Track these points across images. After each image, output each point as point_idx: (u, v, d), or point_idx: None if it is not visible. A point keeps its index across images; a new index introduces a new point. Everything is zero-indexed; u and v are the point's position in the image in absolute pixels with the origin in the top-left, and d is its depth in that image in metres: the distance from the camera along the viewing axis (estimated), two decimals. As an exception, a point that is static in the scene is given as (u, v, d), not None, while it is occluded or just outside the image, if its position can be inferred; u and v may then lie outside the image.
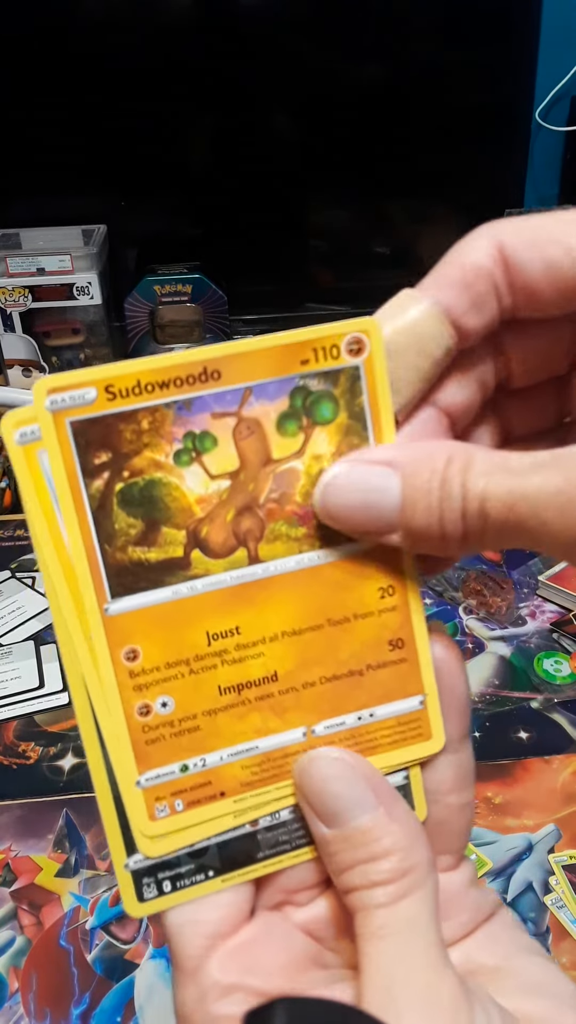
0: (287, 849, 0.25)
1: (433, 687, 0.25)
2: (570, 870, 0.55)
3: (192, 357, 0.22)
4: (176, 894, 0.24)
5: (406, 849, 0.23)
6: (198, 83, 1.24)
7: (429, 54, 1.27)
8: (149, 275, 1.22)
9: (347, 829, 0.23)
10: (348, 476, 0.23)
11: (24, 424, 0.22)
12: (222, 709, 0.24)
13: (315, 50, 1.24)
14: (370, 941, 0.22)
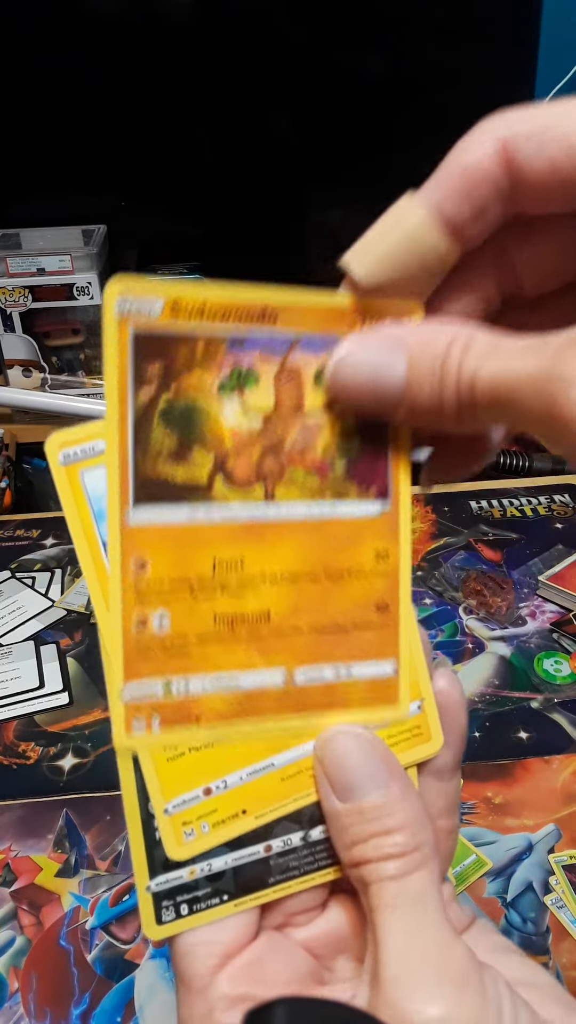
0: (296, 875, 0.26)
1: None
2: (570, 870, 0.55)
3: (256, 296, 0.24)
4: (192, 917, 0.25)
5: (415, 826, 0.24)
6: (198, 83, 1.24)
7: (429, 54, 1.27)
8: (149, 275, 1.22)
9: (361, 802, 0.24)
10: (358, 353, 0.23)
11: (68, 446, 0.23)
12: (213, 637, 0.25)
13: (315, 50, 1.24)
14: (383, 911, 0.23)
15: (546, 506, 0.89)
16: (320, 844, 0.26)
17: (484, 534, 0.86)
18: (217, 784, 0.25)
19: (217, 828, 0.25)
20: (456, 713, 0.27)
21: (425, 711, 0.27)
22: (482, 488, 0.93)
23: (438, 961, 0.23)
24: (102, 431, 0.23)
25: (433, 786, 0.27)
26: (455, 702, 0.27)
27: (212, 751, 0.25)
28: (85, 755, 0.65)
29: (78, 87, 1.23)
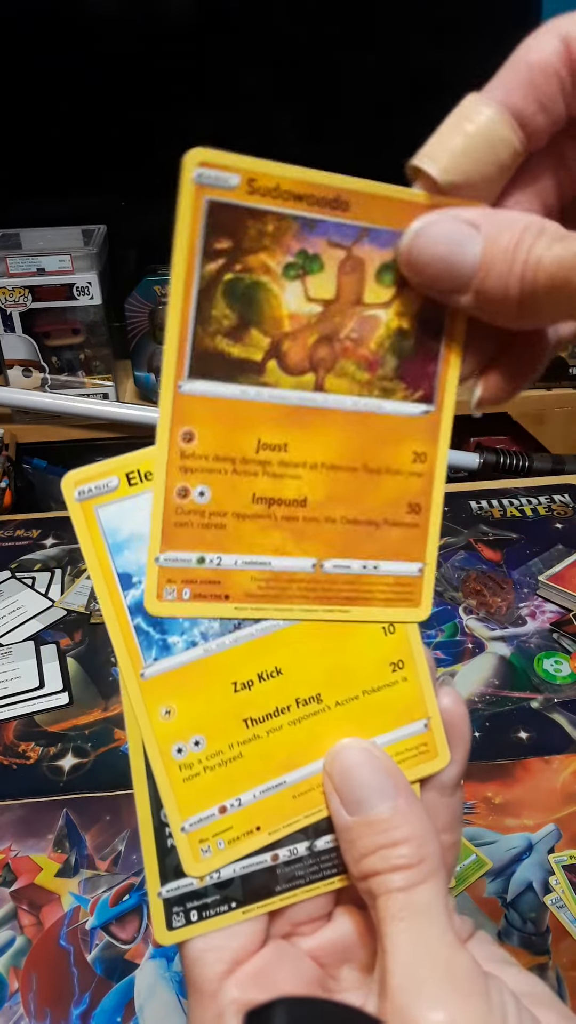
0: (302, 884, 0.27)
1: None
2: (570, 870, 0.55)
3: (331, 182, 0.24)
4: (201, 924, 0.26)
5: (421, 838, 0.25)
6: (198, 83, 1.24)
7: (429, 54, 1.27)
8: (149, 275, 1.22)
9: (369, 816, 0.25)
10: (437, 227, 0.23)
11: (83, 483, 0.24)
12: (250, 517, 0.25)
13: (315, 50, 1.24)
14: (391, 923, 0.24)
15: (546, 506, 0.89)
16: (325, 854, 0.27)
17: (484, 534, 0.85)
18: (232, 802, 0.26)
19: (232, 844, 0.26)
20: (461, 730, 0.28)
21: (432, 728, 0.27)
22: (482, 488, 0.93)
23: (444, 970, 0.23)
24: (116, 468, 0.24)
25: (437, 801, 0.28)
26: (460, 720, 0.28)
27: (226, 770, 0.26)
28: (85, 755, 0.65)
29: (78, 87, 1.23)
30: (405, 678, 0.27)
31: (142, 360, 1.28)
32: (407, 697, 0.27)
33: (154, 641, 0.25)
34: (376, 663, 0.27)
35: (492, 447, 1.28)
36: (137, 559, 0.25)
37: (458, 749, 0.28)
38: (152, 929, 0.26)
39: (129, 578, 0.25)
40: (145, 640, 0.25)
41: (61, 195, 1.29)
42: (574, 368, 1.34)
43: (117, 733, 0.67)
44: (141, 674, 0.25)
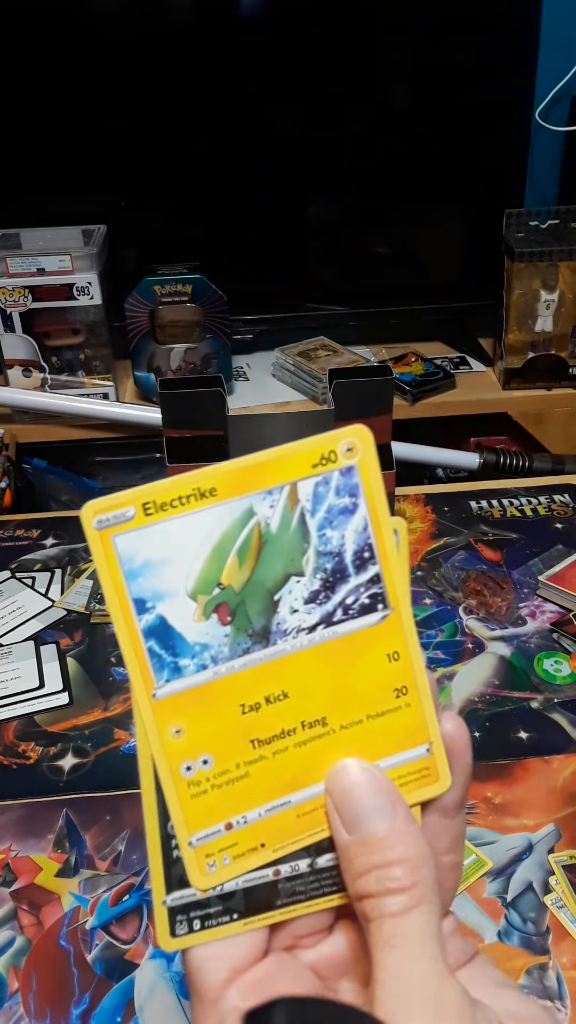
0: (302, 899, 0.28)
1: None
2: (570, 870, 0.55)
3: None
4: (204, 932, 0.27)
5: (416, 860, 0.25)
6: (198, 83, 1.24)
7: (429, 54, 1.27)
8: (149, 275, 1.22)
9: (365, 834, 0.26)
10: None
11: (102, 512, 0.25)
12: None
13: (316, 51, 1.24)
14: (383, 950, 0.25)
15: (546, 506, 0.89)
16: (326, 872, 0.28)
17: (484, 534, 0.86)
18: (238, 820, 0.27)
19: (237, 860, 0.27)
20: (462, 755, 0.29)
21: (434, 753, 0.28)
22: (482, 488, 0.93)
23: (433, 999, 0.24)
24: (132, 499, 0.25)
25: (439, 823, 0.28)
26: (461, 744, 0.29)
27: (233, 788, 0.27)
28: (85, 755, 0.65)
29: (78, 87, 1.23)
30: (409, 704, 0.28)
31: (142, 360, 1.28)
32: (410, 722, 0.28)
33: (166, 664, 0.26)
34: (380, 689, 0.28)
35: (492, 447, 1.29)
36: (151, 585, 0.26)
37: (460, 773, 0.29)
38: (156, 935, 0.27)
39: (143, 603, 0.26)
40: (157, 662, 0.26)
41: (61, 195, 1.29)
42: (574, 368, 1.34)
43: (117, 733, 0.67)
44: (153, 695, 0.26)
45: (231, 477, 0.26)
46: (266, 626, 0.27)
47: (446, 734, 0.28)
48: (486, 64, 1.26)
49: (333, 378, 0.76)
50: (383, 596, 0.27)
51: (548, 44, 1.26)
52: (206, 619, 0.26)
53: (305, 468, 0.26)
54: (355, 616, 0.27)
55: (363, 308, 1.39)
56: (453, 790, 0.28)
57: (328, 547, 0.27)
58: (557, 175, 1.39)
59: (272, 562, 0.27)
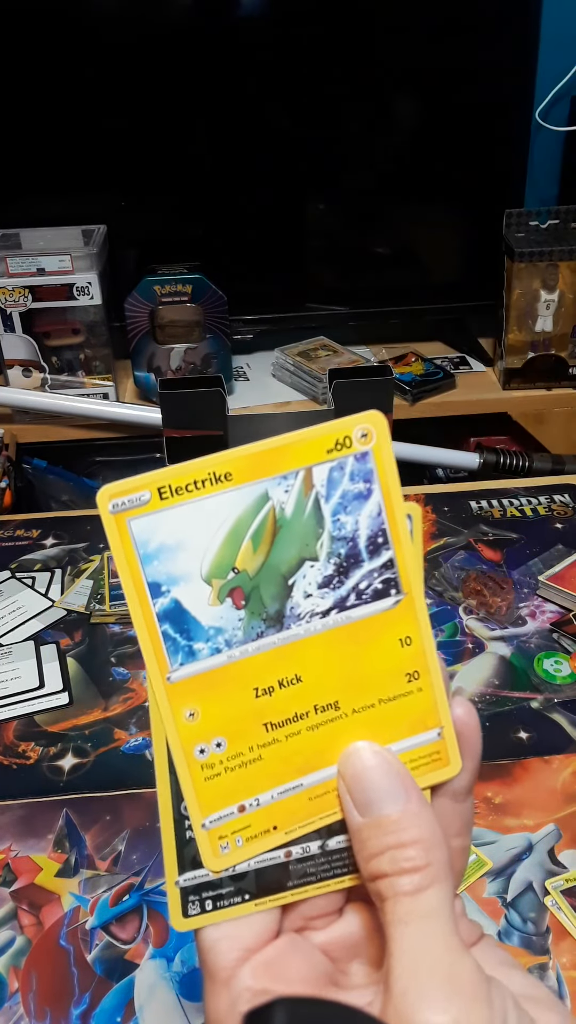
0: (313, 880, 0.28)
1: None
2: (569, 894, 0.55)
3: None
4: (216, 913, 0.27)
5: (428, 841, 0.26)
6: (198, 83, 1.24)
7: (430, 55, 1.27)
8: (149, 275, 1.22)
9: (378, 816, 0.26)
10: None
11: (117, 496, 0.25)
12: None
13: (316, 51, 1.24)
14: (397, 927, 0.25)
15: (546, 506, 0.89)
16: (336, 853, 0.28)
17: (484, 534, 0.86)
18: (250, 802, 0.27)
19: (250, 842, 0.27)
20: (472, 739, 0.29)
21: (444, 738, 0.28)
22: (482, 488, 0.93)
23: (448, 975, 0.24)
24: (147, 483, 0.25)
25: (449, 807, 0.29)
26: (472, 729, 0.29)
27: (246, 771, 0.27)
28: (85, 755, 0.65)
29: (78, 87, 1.23)
30: (420, 688, 0.28)
31: (142, 360, 1.28)
32: (422, 706, 0.28)
33: (180, 647, 0.26)
34: (393, 673, 0.28)
35: (492, 447, 1.29)
36: (166, 569, 0.26)
37: (469, 758, 0.29)
38: (169, 916, 0.27)
39: (158, 587, 0.26)
40: (172, 646, 0.26)
41: (61, 195, 1.29)
42: (574, 368, 1.34)
43: (117, 733, 0.67)
44: (167, 678, 0.26)
45: (246, 462, 0.26)
46: (280, 610, 0.27)
47: (457, 719, 0.29)
48: (486, 64, 1.26)
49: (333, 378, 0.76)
50: (396, 581, 0.27)
51: (548, 44, 1.26)
52: (220, 603, 0.26)
53: (320, 453, 0.26)
54: (368, 601, 0.27)
55: (363, 308, 1.39)
56: (463, 774, 0.29)
57: (342, 532, 0.27)
58: (557, 175, 1.39)
59: (286, 547, 0.27)
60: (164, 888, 0.56)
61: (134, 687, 0.71)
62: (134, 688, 0.71)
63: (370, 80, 1.27)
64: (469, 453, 1.27)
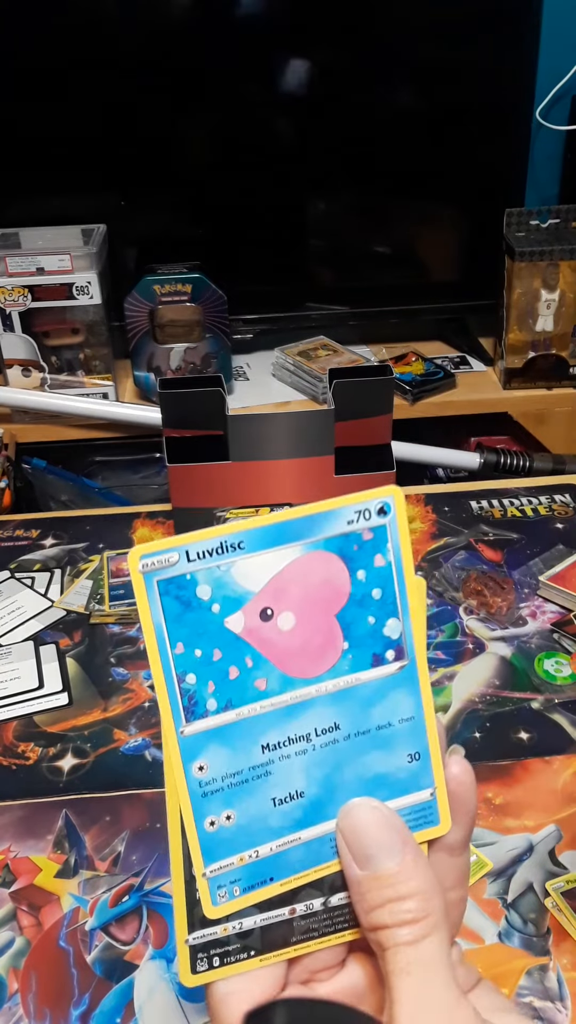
0: (316, 936, 0.30)
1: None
2: (569, 896, 0.54)
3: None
4: (223, 968, 0.29)
5: (426, 893, 0.27)
6: (198, 83, 1.24)
7: (430, 54, 1.27)
8: (148, 275, 1.22)
9: (377, 870, 0.27)
10: None
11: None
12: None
13: (316, 50, 1.24)
14: (399, 976, 0.26)
15: (546, 506, 0.89)
16: (338, 909, 0.30)
17: (484, 534, 0.85)
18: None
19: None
20: (467, 797, 0.30)
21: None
22: (482, 488, 0.93)
23: (447, 1021, 0.26)
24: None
25: (445, 860, 0.30)
26: (466, 788, 0.30)
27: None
28: (84, 756, 0.65)
29: (78, 87, 1.23)
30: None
31: (142, 360, 1.28)
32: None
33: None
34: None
35: (492, 447, 1.28)
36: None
37: (464, 815, 0.30)
38: (178, 972, 0.29)
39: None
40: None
41: (61, 194, 1.28)
42: (574, 368, 1.34)
43: (116, 733, 0.67)
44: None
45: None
46: None
47: (452, 777, 0.30)
48: (486, 64, 1.26)
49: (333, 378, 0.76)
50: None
51: (548, 43, 1.26)
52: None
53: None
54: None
55: (363, 308, 1.39)
56: (458, 830, 0.30)
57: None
58: (558, 174, 1.39)
59: None
60: (165, 890, 0.56)
61: (133, 687, 0.71)
62: (133, 688, 0.71)
63: (370, 79, 1.27)
64: (469, 453, 1.27)
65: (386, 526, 0.28)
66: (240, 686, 0.28)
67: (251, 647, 0.28)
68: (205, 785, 0.28)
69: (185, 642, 0.27)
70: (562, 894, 0.54)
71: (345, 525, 0.28)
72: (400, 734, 0.30)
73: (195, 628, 0.27)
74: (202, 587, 0.27)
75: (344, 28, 1.22)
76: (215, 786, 0.28)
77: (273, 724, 0.28)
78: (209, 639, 0.27)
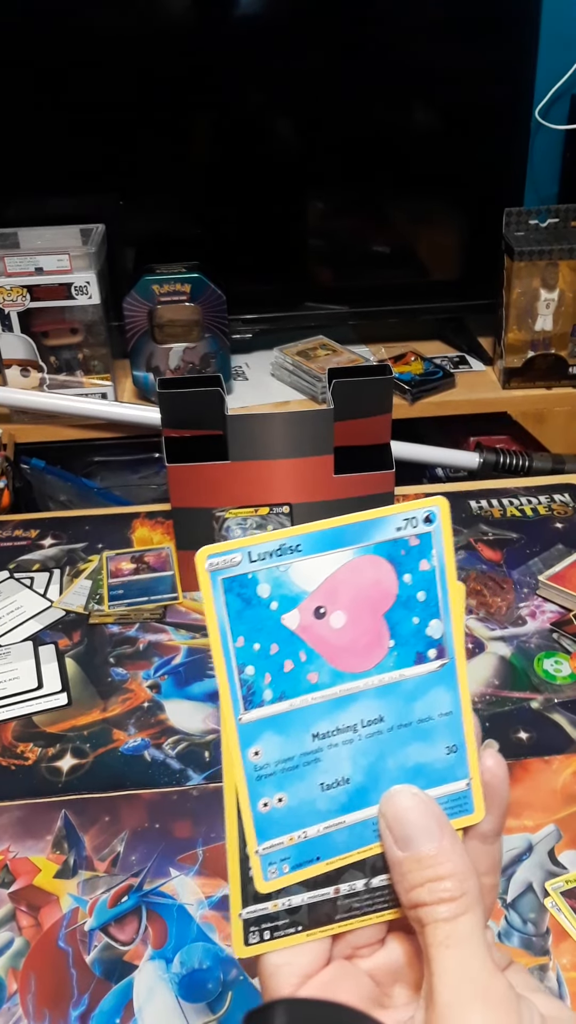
0: (358, 914, 0.32)
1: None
2: (568, 895, 0.54)
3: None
4: (273, 942, 0.31)
5: (462, 874, 0.29)
6: (198, 83, 1.24)
7: (429, 54, 1.26)
8: (147, 274, 1.21)
9: (417, 852, 0.29)
10: None
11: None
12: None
13: (315, 50, 1.24)
14: (438, 949, 0.28)
15: (546, 506, 0.89)
16: (379, 891, 0.32)
17: (484, 534, 0.85)
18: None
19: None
20: (500, 789, 0.33)
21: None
22: (482, 488, 0.93)
23: (484, 990, 0.28)
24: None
25: (479, 848, 0.32)
26: (500, 779, 0.33)
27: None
28: (84, 756, 0.65)
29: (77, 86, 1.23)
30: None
31: (140, 360, 1.28)
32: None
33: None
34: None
35: (492, 447, 1.28)
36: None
37: (497, 805, 0.32)
38: (232, 944, 0.31)
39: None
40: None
41: (59, 194, 1.28)
42: (574, 368, 1.34)
43: (116, 734, 0.67)
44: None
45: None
46: None
47: (486, 770, 0.32)
48: (486, 63, 1.26)
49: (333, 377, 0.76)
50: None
51: (548, 42, 1.26)
52: None
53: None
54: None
55: (362, 307, 1.39)
56: (492, 820, 0.32)
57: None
58: (557, 174, 1.38)
59: None
60: (164, 890, 0.56)
61: (132, 688, 0.71)
62: (132, 689, 0.71)
63: (370, 79, 1.27)
64: (469, 453, 1.27)
65: (431, 533, 0.31)
66: (294, 679, 0.30)
67: (305, 643, 0.30)
68: (260, 769, 0.30)
69: (245, 636, 0.29)
70: (562, 894, 0.54)
71: (394, 531, 0.30)
72: (439, 727, 0.32)
73: (254, 624, 0.29)
74: (262, 586, 0.29)
75: (344, 28, 1.22)
76: (269, 770, 0.30)
77: (323, 715, 0.30)
78: (267, 634, 0.29)
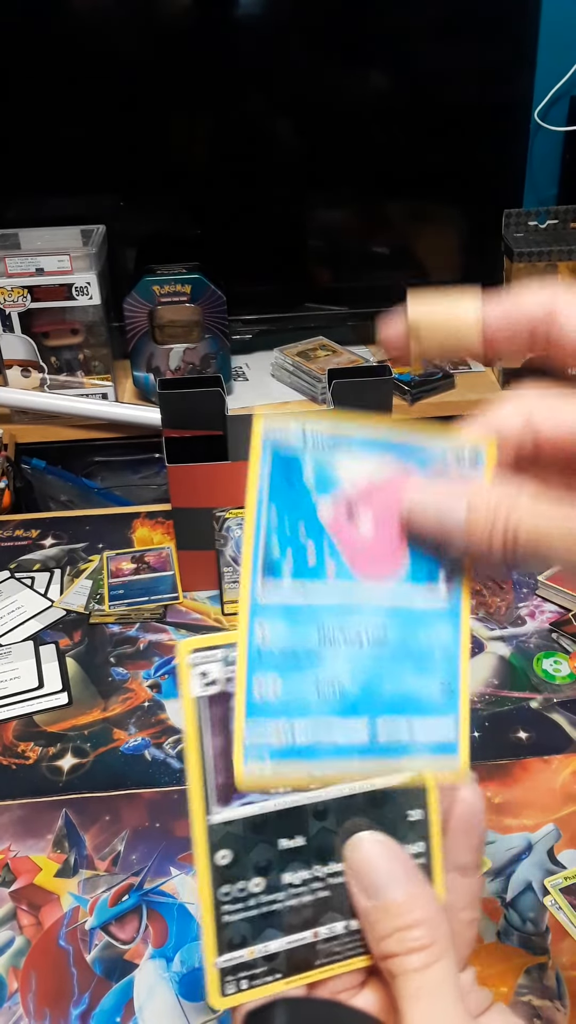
0: (339, 959, 0.30)
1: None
2: (568, 892, 0.55)
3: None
4: (250, 991, 0.30)
5: (433, 920, 0.28)
6: (198, 83, 1.24)
7: (429, 54, 1.27)
8: (148, 275, 1.21)
9: (385, 901, 0.28)
10: (427, 497, 0.29)
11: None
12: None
13: (314, 50, 1.24)
14: (409, 1001, 0.28)
15: (545, 506, 0.89)
16: (359, 933, 0.30)
17: (483, 534, 0.86)
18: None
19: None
20: (476, 821, 0.31)
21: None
22: (481, 488, 0.93)
23: None
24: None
25: (457, 881, 0.31)
26: (476, 811, 0.31)
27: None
28: (84, 755, 0.65)
29: (77, 87, 1.23)
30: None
31: (141, 360, 1.28)
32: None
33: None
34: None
35: (491, 447, 1.28)
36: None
37: (475, 837, 0.31)
38: (207, 994, 0.29)
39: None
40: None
41: (60, 195, 1.28)
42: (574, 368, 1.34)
43: (116, 733, 0.67)
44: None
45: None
46: None
47: (462, 800, 0.31)
48: (485, 64, 1.26)
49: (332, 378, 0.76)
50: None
51: (548, 44, 1.26)
52: None
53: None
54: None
55: (362, 308, 1.39)
56: (469, 853, 0.31)
57: None
58: (556, 175, 1.39)
59: None
60: (164, 889, 0.56)
61: (133, 687, 0.71)
62: (133, 688, 0.71)
63: (369, 79, 1.27)
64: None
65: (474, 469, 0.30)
66: (313, 564, 0.30)
67: (330, 536, 0.30)
68: (263, 647, 0.29)
69: (278, 508, 0.29)
70: (561, 891, 0.54)
71: (442, 463, 0.30)
72: (438, 662, 0.31)
73: (290, 502, 0.29)
74: (307, 469, 0.29)
75: (344, 29, 1.22)
76: (270, 656, 0.29)
77: (332, 614, 0.30)
78: (299, 515, 0.29)
